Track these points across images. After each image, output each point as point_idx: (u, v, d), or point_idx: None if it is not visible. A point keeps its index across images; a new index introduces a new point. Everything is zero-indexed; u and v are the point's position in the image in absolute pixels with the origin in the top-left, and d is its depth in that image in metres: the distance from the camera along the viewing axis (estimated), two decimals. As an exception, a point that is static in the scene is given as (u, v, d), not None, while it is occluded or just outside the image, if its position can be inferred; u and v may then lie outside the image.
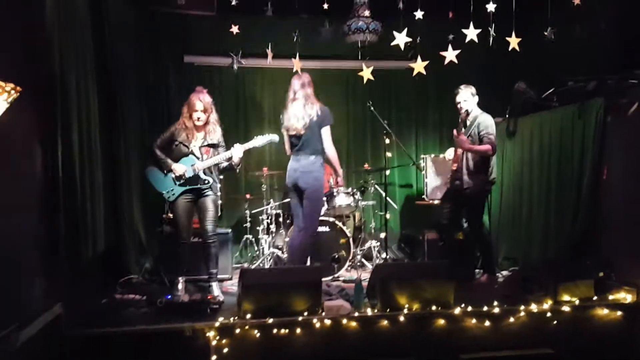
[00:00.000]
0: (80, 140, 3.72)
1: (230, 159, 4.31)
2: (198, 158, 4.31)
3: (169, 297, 3.93)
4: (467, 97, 4.76)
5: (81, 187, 3.70)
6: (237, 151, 4.28)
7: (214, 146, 4.41)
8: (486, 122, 4.63)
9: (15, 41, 2.85)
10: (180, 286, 4.35)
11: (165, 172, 4.32)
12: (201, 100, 4.31)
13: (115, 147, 4.58)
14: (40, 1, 3.14)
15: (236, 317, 3.46)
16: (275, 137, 4.41)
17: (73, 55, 3.64)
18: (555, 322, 3.75)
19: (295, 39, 4.54)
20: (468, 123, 4.75)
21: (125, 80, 4.86)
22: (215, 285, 4.31)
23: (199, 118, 4.30)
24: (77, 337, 3.25)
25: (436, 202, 5.91)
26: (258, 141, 4.37)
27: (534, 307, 3.74)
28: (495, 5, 4.07)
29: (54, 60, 3.26)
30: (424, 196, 6.03)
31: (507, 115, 5.60)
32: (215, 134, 4.42)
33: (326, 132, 4.36)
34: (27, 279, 2.93)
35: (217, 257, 4.41)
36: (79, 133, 3.70)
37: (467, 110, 4.75)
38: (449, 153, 5.10)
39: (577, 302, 3.83)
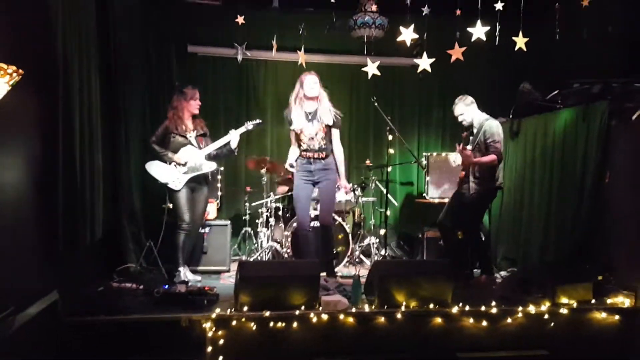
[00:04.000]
0: (82, 126, 3.71)
1: (227, 144, 4.59)
2: (196, 147, 4.49)
3: (167, 287, 3.92)
4: (462, 110, 4.73)
5: (81, 173, 3.69)
6: (234, 135, 4.58)
7: (204, 135, 4.70)
8: (492, 130, 4.57)
9: (17, 24, 2.83)
10: (183, 275, 4.48)
11: (168, 163, 4.49)
12: (198, 90, 4.63)
13: (116, 135, 4.60)
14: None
15: (233, 309, 3.45)
16: (258, 121, 4.77)
17: (76, 40, 3.63)
18: (552, 324, 3.73)
19: (300, 32, 4.51)
20: (475, 131, 4.71)
21: (128, 67, 4.84)
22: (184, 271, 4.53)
23: (199, 106, 4.61)
24: (74, 324, 3.24)
25: (436, 200, 5.90)
26: (248, 125, 4.71)
27: (531, 309, 3.73)
28: (503, 4, 4.04)
29: (56, 44, 3.24)
30: (424, 194, 6.01)
31: (510, 116, 5.58)
32: (203, 124, 4.73)
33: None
34: (24, 263, 2.91)
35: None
36: (80, 119, 3.68)
37: (469, 124, 4.73)
38: (458, 158, 4.99)
39: (574, 304, 3.82)
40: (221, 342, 3.33)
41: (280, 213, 5.70)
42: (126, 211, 4.72)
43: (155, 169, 4.51)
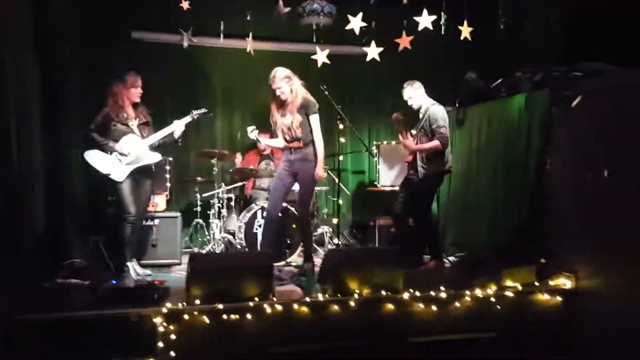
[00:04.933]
0: (18, 116, 3.51)
1: (171, 134, 4.46)
2: (139, 136, 4.32)
3: (115, 282, 3.80)
4: (410, 94, 4.83)
5: (18, 169, 3.50)
6: (179, 125, 4.47)
7: (147, 124, 4.53)
8: (436, 115, 4.68)
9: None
10: (131, 270, 4.34)
11: (109, 153, 4.29)
12: (140, 77, 4.43)
13: (55, 127, 4.37)
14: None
15: (184, 303, 3.39)
16: (206, 110, 4.68)
17: (9, 28, 3.41)
18: (498, 306, 3.86)
19: (248, 19, 4.44)
20: (420, 116, 4.80)
21: (66, 56, 4.62)
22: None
23: (140, 94, 4.41)
24: (15, 323, 3.09)
25: (387, 189, 5.97)
26: (193, 114, 4.60)
27: (478, 292, 3.84)
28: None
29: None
30: (375, 183, 6.07)
31: (457, 105, 5.70)
32: (146, 112, 4.56)
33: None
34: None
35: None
36: (17, 108, 3.48)
37: (417, 107, 4.82)
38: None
39: (519, 287, 3.96)
40: (173, 337, 3.26)
41: (232, 204, 5.63)
42: (69, 205, 4.53)
43: (95, 159, 4.29)
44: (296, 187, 4.76)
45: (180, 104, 5.89)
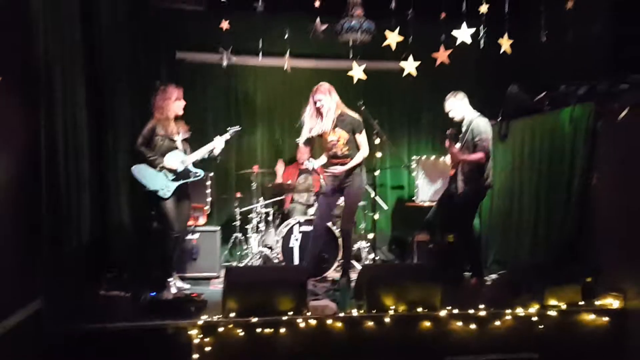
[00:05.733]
0: (65, 132, 3.66)
1: (212, 150, 4.54)
2: (184, 152, 4.42)
3: (154, 294, 3.89)
4: (452, 106, 4.74)
5: (65, 180, 3.64)
6: (219, 142, 4.54)
7: (187, 140, 4.62)
8: (479, 128, 4.58)
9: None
10: (172, 283, 4.43)
11: (157, 168, 4.36)
12: (181, 90, 4.54)
13: (103, 142, 4.53)
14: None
15: (220, 316, 3.43)
16: (238, 127, 4.75)
17: (60, 46, 3.58)
18: (541, 326, 3.72)
19: (286, 37, 4.51)
20: (463, 128, 4.72)
21: (115, 74, 4.79)
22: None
23: (183, 107, 4.52)
24: (58, 333, 3.20)
25: (426, 204, 5.89)
26: (231, 131, 4.67)
27: (520, 311, 3.72)
28: (487, 6, 4.06)
29: (38, 50, 3.20)
30: (414, 198, 6.00)
31: (499, 118, 5.59)
32: (187, 127, 4.64)
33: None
34: (5, 272, 2.87)
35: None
36: (64, 124, 3.63)
37: (460, 120, 4.74)
38: (449, 157, 5.03)
39: (563, 306, 3.81)
40: (208, 349, 3.31)
41: (270, 218, 5.68)
42: (113, 218, 4.67)
43: (142, 173, 4.36)
44: (340, 200, 4.81)
45: (221, 121, 6.04)
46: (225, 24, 4.62)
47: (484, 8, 4.11)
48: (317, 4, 4.31)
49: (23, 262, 3.06)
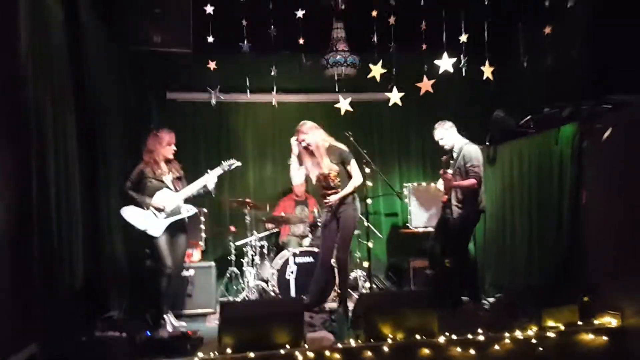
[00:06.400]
0: (57, 173, 3.68)
1: (205, 186, 4.57)
2: (175, 190, 4.49)
3: (149, 333, 3.85)
4: (442, 135, 4.85)
5: (57, 221, 3.64)
6: (211, 177, 4.57)
7: (180, 179, 4.67)
8: (470, 154, 4.68)
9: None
10: (167, 321, 4.41)
11: (145, 209, 4.42)
12: (173, 134, 4.63)
13: (95, 182, 4.56)
14: (14, 34, 3.13)
15: (216, 352, 3.40)
16: (237, 162, 4.75)
17: (49, 88, 3.62)
18: (540, 348, 3.71)
19: (272, 74, 4.61)
20: (454, 155, 4.81)
21: (106, 115, 4.86)
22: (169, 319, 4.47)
23: (175, 151, 4.60)
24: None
25: (421, 230, 5.91)
26: (224, 166, 4.70)
27: (518, 334, 3.70)
28: (467, 36, 4.17)
29: (27, 91, 3.24)
30: (407, 224, 6.03)
31: (487, 143, 5.67)
32: (179, 167, 4.72)
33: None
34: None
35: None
36: (56, 165, 3.65)
37: (450, 147, 4.83)
38: (440, 183, 5.09)
39: (561, 327, 3.81)
40: (205, 386, 3.27)
41: (265, 251, 5.67)
42: (107, 257, 4.66)
43: (131, 214, 4.41)
44: None
45: (212, 157, 6.08)
46: (212, 65, 4.72)
47: (463, 38, 4.22)
48: (301, 41, 4.40)
49: (16, 306, 3.04)
